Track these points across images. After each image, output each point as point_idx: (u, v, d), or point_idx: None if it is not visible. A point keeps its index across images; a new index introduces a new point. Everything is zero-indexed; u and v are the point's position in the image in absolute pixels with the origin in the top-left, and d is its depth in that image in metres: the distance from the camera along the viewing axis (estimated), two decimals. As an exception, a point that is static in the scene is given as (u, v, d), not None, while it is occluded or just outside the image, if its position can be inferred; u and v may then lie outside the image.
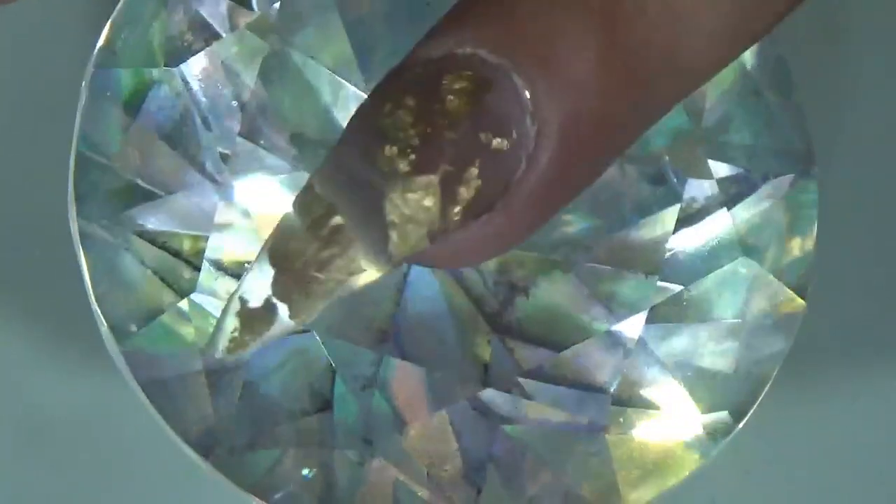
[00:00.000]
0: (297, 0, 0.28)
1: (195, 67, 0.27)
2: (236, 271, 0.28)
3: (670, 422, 0.28)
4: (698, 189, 0.29)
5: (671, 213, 0.29)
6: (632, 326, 0.29)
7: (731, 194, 0.29)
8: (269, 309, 0.18)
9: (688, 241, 0.29)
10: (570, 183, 0.18)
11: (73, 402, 0.30)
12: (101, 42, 0.26)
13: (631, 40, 0.17)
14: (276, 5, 0.28)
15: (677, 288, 0.29)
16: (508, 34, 0.17)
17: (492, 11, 0.17)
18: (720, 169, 0.29)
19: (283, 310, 0.18)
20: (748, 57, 0.28)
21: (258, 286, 0.18)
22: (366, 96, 0.28)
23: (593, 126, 0.17)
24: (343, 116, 0.28)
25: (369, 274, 0.17)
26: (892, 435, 0.32)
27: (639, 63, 0.17)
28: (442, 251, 0.18)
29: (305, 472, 0.27)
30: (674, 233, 0.29)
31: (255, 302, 0.18)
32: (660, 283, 0.29)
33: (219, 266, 0.28)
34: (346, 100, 0.28)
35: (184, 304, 0.27)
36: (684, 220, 0.29)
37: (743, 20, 0.18)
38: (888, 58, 0.32)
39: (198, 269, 0.27)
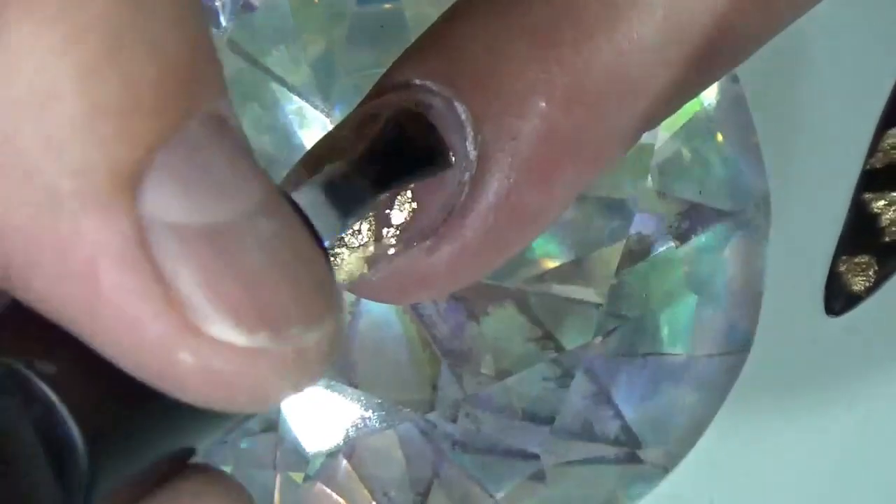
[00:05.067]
0: (259, 19, 0.28)
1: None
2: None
3: (611, 454, 0.28)
4: (649, 223, 0.29)
5: (619, 246, 0.29)
6: (578, 357, 0.29)
7: (682, 230, 0.29)
8: None
9: (637, 275, 0.29)
10: (520, 209, 0.17)
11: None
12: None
13: (574, 62, 0.17)
14: (240, 24, 0.27)
15: (625, 321, 0.29)
16: (453, 66, 0.17)
17: (442, 47, 0.17)
18: (672, 204, 0.29)
19: None
20: (706, 94, 0.28)
21: None
22: (324, 116, 0.28)
23: (536, 146, 0.17)
24: (302, 136, 0.28)
25: None
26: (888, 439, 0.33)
27: (582, 84, 0.17)
28: (389, 284, 0.18)
29: None
30: (623, 265, 0.29)
31: None
32: (608, 316, 0.29)
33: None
34: (307, 120, 0.28)
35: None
36: (634, 254, 0.29)
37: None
38: (846, 98, 0.33)
39: None
